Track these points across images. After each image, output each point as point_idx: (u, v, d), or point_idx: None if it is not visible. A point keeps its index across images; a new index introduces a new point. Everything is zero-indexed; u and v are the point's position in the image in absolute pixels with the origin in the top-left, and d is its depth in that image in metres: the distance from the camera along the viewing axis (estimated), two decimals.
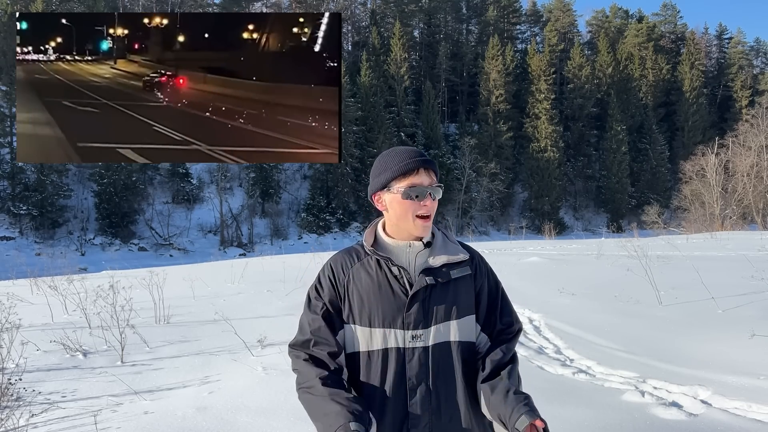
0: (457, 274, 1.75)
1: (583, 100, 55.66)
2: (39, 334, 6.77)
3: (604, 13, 73.51)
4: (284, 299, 9.63)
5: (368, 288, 1.72)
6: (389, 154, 1.79)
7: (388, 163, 1.75)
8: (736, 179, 40.74)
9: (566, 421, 3.90)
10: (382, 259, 1.73)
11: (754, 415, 3.91)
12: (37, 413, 4.28)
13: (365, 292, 1.72)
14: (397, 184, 1.71)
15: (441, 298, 1.71)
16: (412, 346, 1.69)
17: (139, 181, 40.27)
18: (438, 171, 1.78)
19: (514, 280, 11.02)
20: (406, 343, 1.69)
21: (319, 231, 41.97)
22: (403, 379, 1.68)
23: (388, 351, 1.70)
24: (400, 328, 1.69)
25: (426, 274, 1.71)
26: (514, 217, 49.94)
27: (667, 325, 6.56)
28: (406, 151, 1.76)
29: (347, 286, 1.75)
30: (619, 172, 51.80)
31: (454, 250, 1.78)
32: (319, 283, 1.81)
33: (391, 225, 1.79)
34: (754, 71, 72.98)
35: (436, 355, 1.69)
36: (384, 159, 1.78)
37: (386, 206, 1.76)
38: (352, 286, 1.75)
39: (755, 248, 16.04)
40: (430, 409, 1.68)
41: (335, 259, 1.83)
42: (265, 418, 4.12)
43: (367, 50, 49.97)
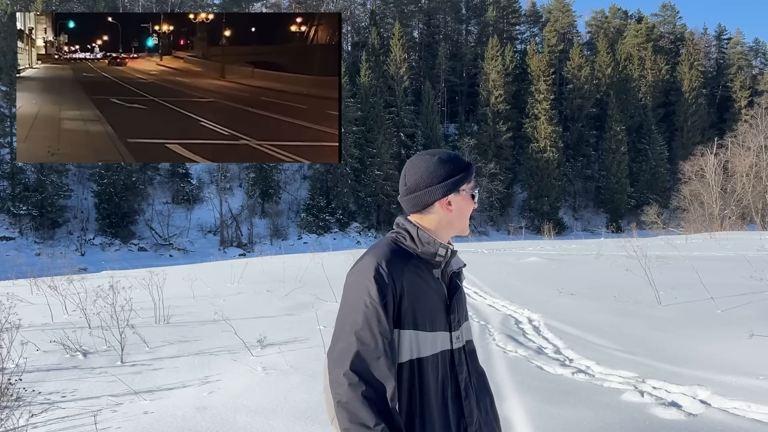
0: (463, 277, 1.90)
1: (582, 100, 55.67)
2: (39, 334, 6.77)
3: (604, 14, 73.59)
4: (284, 299, 9.64)
5: (420, 291, 1.67)
6: (445, 159, 1.76)
7: (454, 168, 1.75)
8: (735, 179, 40.76)
9: (566, 421, 3.91)
10: (434, 262, 1.73)
11: (753, 415, 3.91)
12: (37, 413, 4.28)
13: (420, 294, 1.67)
14: (467, 186, 1.80)
15: (462, 299, 1.83)
16: (457, 347, 1.77)
17: (139, 181, 40.24)
18: None
19: (513, 280, 11.04)
20: (453, 344, 1.76)
21: (319, 231, 41.96)
22: (456, 380, 1.74)
23: (440, 354, 1.71)
24: (445, 330, 1.74)
25: (456, 276, 1.83)
26: (513, 218, 49.95)
27: (667, 325, 6.57)
28: (456, 155, 1.83)
29: (401, 290, 1.63)
30: (619, 172, 51.81)
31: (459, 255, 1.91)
32: (378, 289, 1.58)
33: (442, 227, 1.76)
34: (753, 71, 73.04)
35: (467, 353, 1.82)
36: (445, 165, 1.75)
37: (452, 208, 1.76)
38: (408, 288, 1.64)
39: (754, 248, 16.06)
40: (478, 405, 1.78)
41: (387, 260, 1.64)
42: (265, 417, 4.13)
43: (366, 51, 49.95)
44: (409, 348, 1.63)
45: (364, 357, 1.55)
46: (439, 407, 1.67)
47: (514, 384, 4.67)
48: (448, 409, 1.70)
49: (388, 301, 1.59)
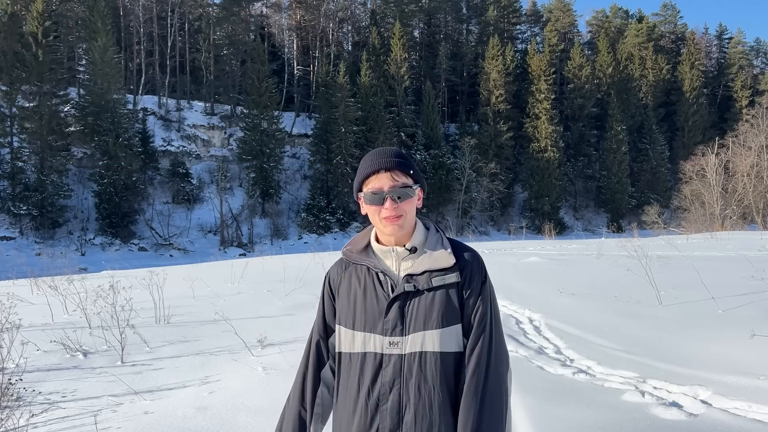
0: (439, 282, 1.68)
1: (583, 100, 55.62)
2: (39, 334, 6.77)
3: (604, 13, 73.51)
4: (284, 299, 9.63)
5: (355, 291, 1.76)
6: (363, 158, 1.80)
7: (359, 168, 1.77)
8: (736, 179, 40.73)
9: (566, 421, 3.90)
10: (363, 264, 1.77)
11: (754, 415, 3.91)
12: (37, 413, 4.28)
13: (352, 295, 1.76)
14: (365, 189, 1.73)
15: (419, 305, 1.67)
16: (389, 353, 1.67)
17: (139, 181, 40.23)
18: (408, 169, 1.72)
19: (514, 280, 11.03)
20: (384, 349, 1.68)
21: (319, 231, 41.95)
22: (377, 385, 1.68)
23: (366, 355, 1.70)
24: (380, 334, 1.69)
25: (406, 280, 1.69)
26: (514, 217, 49.94)
27: (667, 325, 6.56)
28: (373, 153, 1.76)
29: (338, 290, 1.81)
30: (619, 172, 51.79)
31: (440, 255, 1.71)
32: (322, 289, 1.89)
33: (375, 228, 1.80)
34: (754, 71, 73.01)
35: (411, 364, 1.64)
36: (361, 162, 1.79)
37: (364, 209, 1.78)
38: (342, 289, 1.80)
39: (755, 248, 16.05)
40: (398, 417, 1.64)
41: (335, 264, 1.89)
42: (265, 418, 4.12)
43: (367, 50, 49.89)
44: (338, 341, 1.79)
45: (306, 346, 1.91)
46: (353, 405, 1.71)
47: (515, 384, 4.67)
48: (360, 409, 1.69)
49: (324, 301, 1.86)
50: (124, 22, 50.03)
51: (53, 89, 37.05)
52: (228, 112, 49.51)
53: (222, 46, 50.73)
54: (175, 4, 50.76)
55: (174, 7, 50.70)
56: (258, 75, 43.74)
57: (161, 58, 49.47)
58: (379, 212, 1.69)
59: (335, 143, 43.78)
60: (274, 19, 59.39)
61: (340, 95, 44.23)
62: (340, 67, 45.94)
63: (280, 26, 59.25)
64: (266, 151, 42.94)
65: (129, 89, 46.07)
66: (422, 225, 1.80)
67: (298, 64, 56.65)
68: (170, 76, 49.08)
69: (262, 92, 43.65)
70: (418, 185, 1.74)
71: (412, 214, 1.73)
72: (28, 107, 35.77)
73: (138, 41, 49.99)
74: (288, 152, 47.96)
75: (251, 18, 55.86)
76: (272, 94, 45.23)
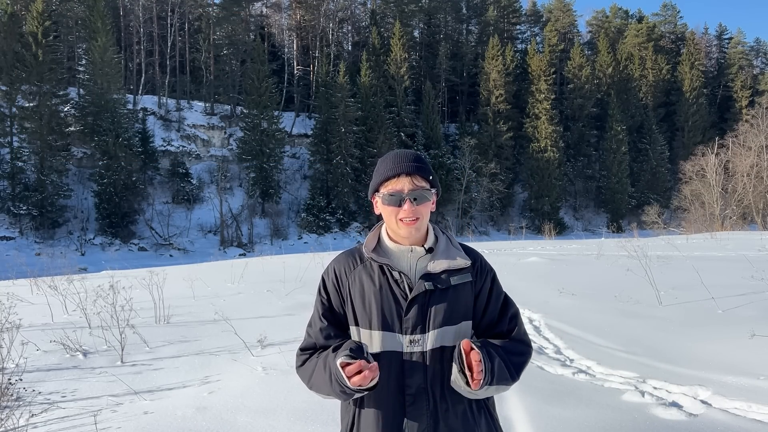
0: (458, 280, 1.76)
1: (583, 100, 55.63)
2: (39, 334, 6.77)
3: (604, 13, 73.51)
4: (284, 299, 9.63)
5: (370, 291, 1.75)
6: (381, 159, 1.83)
7: (378, 169, 1.80)
8: (736, 179, 40.74)
9: (566, 421, 3.90)
10: (381, 263, 1.76)
11: (754, 415, 3.91)
12: (37, 413, 4.28)
13: (367, 295, 1.75)
14: (383, 190, 1.75)
15: (439, 303, 1.72)
16: (410, 351, 1.71)
17: (139, 181, 40.22)
18: (428, 174, 1.77)
19: (514, 280, 11.02)
20: (405, 347, 1.71)
21: (319, 231, 41.95)
22: (402, 383, 1.70)
23: (387, 354, 1.72)
24: (399, 332, 1.71)
25: (425, 279, 1.73)
26: (514, 217, 49.94)
27: (667, 325, 6.56)
28: (393, 156, 1.79)
29: (350, 290, 1.79)
30: (619, 172, 51.80)
31: (456, 255, 1.78)
32: (324, 287, 1.86)
33: (389, 227, 1.82)
34: (754, 71, 73.00)
35: (434, 359, 1.70)
36: (377, 165, 1.82)
37: (378, 209, 1.81)
38: (354, 289, 1.78)
39: (755, 248, 16.05)
40: (428, 413, 1.69)
41: (338, 262, 1.86)
42: (265, 418, 4.12)
43: (367, 50, 49.89)
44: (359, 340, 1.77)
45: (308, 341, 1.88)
46: (378, 406, 1.71)
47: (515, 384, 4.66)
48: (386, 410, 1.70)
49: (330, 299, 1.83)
50: (124, 22, 50.03)
51: (53, 89, 37.04)
52: (228, 112, 49.51)
53: (222, 46, 50.73)
54: (175, 4, 50.76)
55: (174, 7, 50.70)
56: (258, 75, 43.73)
57: (161, 58, 49.47)
58: (397, 213, 1.73)
59: (335, 143, 43.78)
60: (274, 19, 59.39)
61: (340, 95, 44.22)
62: (340, 67, 45.94)
63: (279, 26, 59.25)
64: (266, 151, 42.94)
65: (129, 89, 46.07)
66: (431, 227, 1.87)
67: (298, 64, 56.64)
68: (170, 76, 49.08)
69: (262, 92, 43.65)
70: (434, 189, 1.79)
71: (427, 217, 1.78)
72: (28, 107, 35.76)
73: (138, 41, 49.98)
74: (288, 152, 47.95)
75: (251, 18, 55.85)
76: (272, 94, 45.23)
